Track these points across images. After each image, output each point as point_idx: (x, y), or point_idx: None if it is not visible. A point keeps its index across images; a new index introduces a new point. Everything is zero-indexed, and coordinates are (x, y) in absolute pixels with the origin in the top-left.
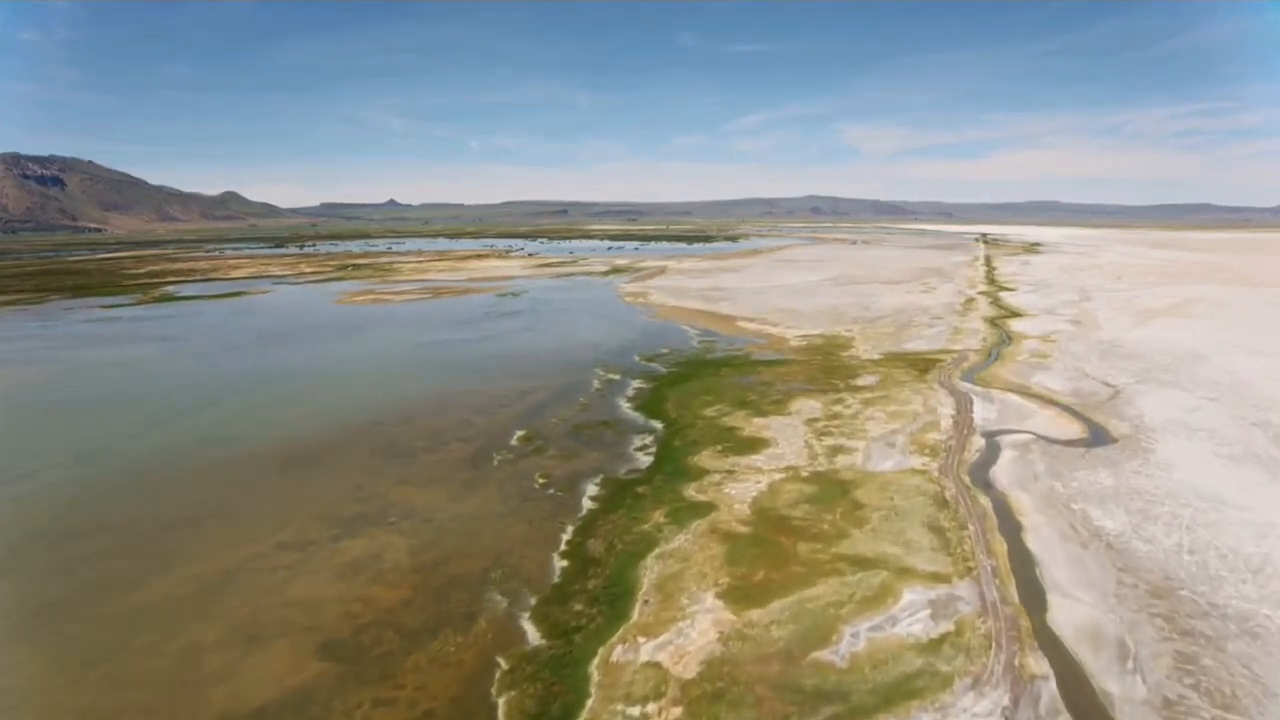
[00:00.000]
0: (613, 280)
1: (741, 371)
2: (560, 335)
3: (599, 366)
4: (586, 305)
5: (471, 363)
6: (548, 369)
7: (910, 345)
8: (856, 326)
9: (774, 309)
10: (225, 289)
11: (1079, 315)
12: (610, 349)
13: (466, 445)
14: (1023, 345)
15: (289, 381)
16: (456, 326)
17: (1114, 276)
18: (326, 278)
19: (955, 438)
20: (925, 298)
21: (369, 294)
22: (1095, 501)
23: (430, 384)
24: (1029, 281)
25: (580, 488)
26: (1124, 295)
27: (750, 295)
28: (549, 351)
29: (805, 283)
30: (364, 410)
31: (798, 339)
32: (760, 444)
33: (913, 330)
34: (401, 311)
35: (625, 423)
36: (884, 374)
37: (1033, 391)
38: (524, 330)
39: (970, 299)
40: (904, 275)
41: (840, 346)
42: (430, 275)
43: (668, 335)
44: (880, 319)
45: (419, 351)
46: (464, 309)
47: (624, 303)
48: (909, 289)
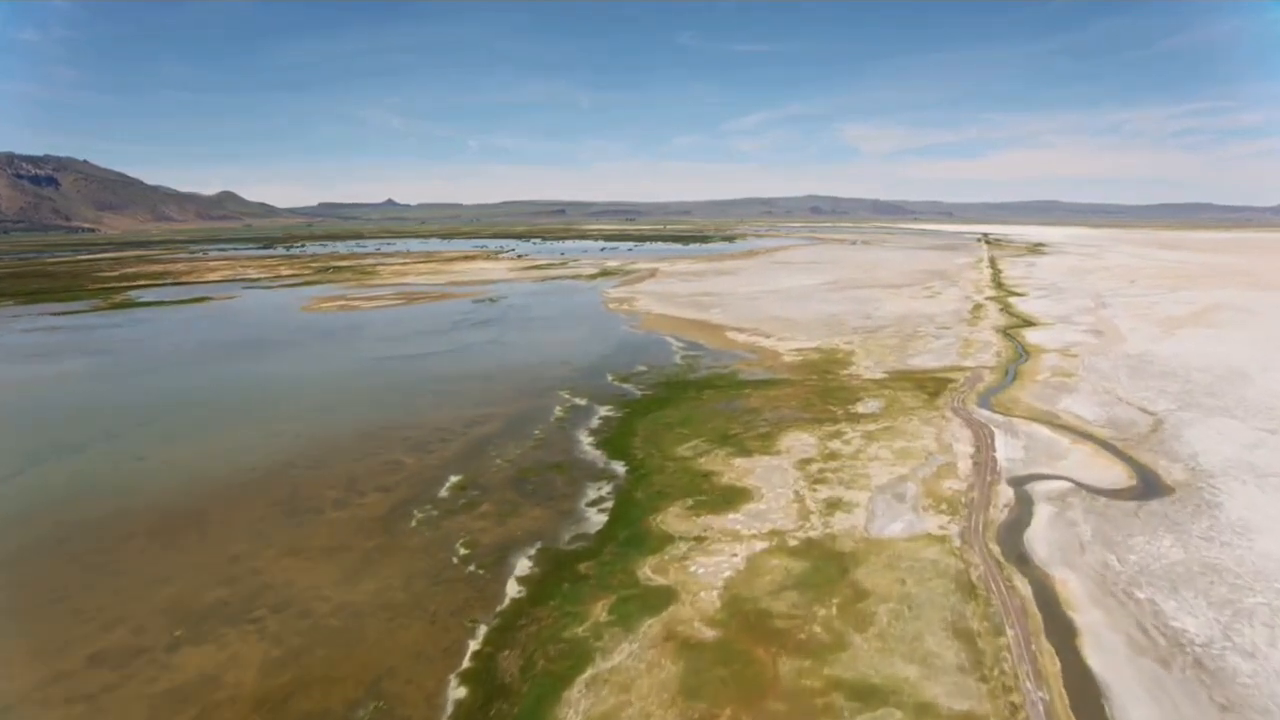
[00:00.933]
0: (599, 284)
1: (726, 395)
2: (530, 349)
3: (565, 388)
4: (566, 313)
5: (423, 383)
6: (507, 392)
7: (917, 361)
8: (857, 338)
9: (768, 317)
10: (192, 294)
11: (1098, 324)
12: (582, 366)
13: (386, 497)
14: (1042, 361)
15: (210, 408)
16: (421, 338)
17: (1127, 280)
18: (303, 281)
19: (977, 487)
20: (930, 304)
21: (340, 300)
22: (1164, 586)
23: (369, 411)
24: (1038, 285)
25: (509, 563)
26: (1142, 301)
27: (743, 301)
28: (513, 369)
29: (802, 287)
30: (279, 448)
31: (792, 353)
32: (740, 496)
33: (919, 342)
34: (369, 319)
35: (582, 465)
36: (889, 398)
37: (1061, 421)
38: (492, 343)
39: (978, 305)
40: (906, 278)
41: (839, 363)
42: (410, 279)
43: (649, 349)
44: (882, 329)
45: (370, 369)
46: (434, 317)
47: (607, 310)
48: (912, 294)
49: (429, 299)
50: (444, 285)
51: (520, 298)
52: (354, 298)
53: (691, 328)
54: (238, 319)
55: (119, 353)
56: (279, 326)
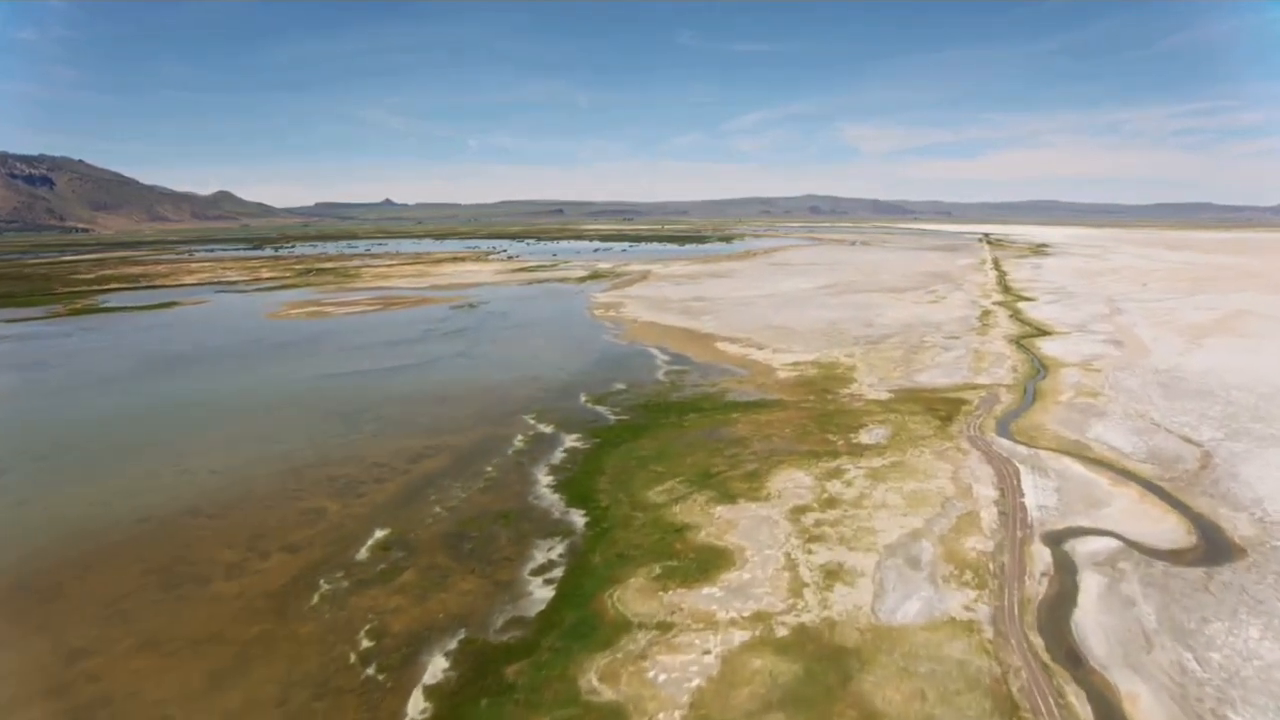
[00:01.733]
0: (587, 288)
1: (712, 420)
2: (500, 364)
3: (532, 412)
4: (547, 321)
5: (374, 406)
6: (465, 416)
7: (924, 377)
8: (858, 350)
9: (762, 325)
10: (161, 299)
11: (1117, 333)
12: (554, 384)
13: (291, 560)
14: (1063, 377)
15: (125, 437)
16: (385, 350)
17: (1138, 283)
18: (281, 284)
19: (1007, 547)
20: (935, 310)
21: (312, 305)
22: (1270, 708)
23: (304, 441)
24: (1047, 289)
25: (419, 663)
26: (1159, 307)
27: (736, 307)
28: (478, 388)
29: (799, 291)
30: (186, 490)
31: (787, 368)
32: (719, 561)
33: (925, 355)
34: (336, 328)
35: (535, 514)
36: (895, 424)
37: (1095, 454)
38: (460, 356)
39: (987, 311)
40: (908, 281)
41: (839, 379)
42: (392, 282)
43: (630, 363)
44: (886, 339)
45: (320, 388)
46: (406, 325)
47: (591, 317)
48: (915, 299)
49: (406, 304)
50: (425, 289)
51: (502, 303)
52: (328, 303)
53: (679, 338)
54: (198, 327)
55: (52, 367)
56: (238, 336)
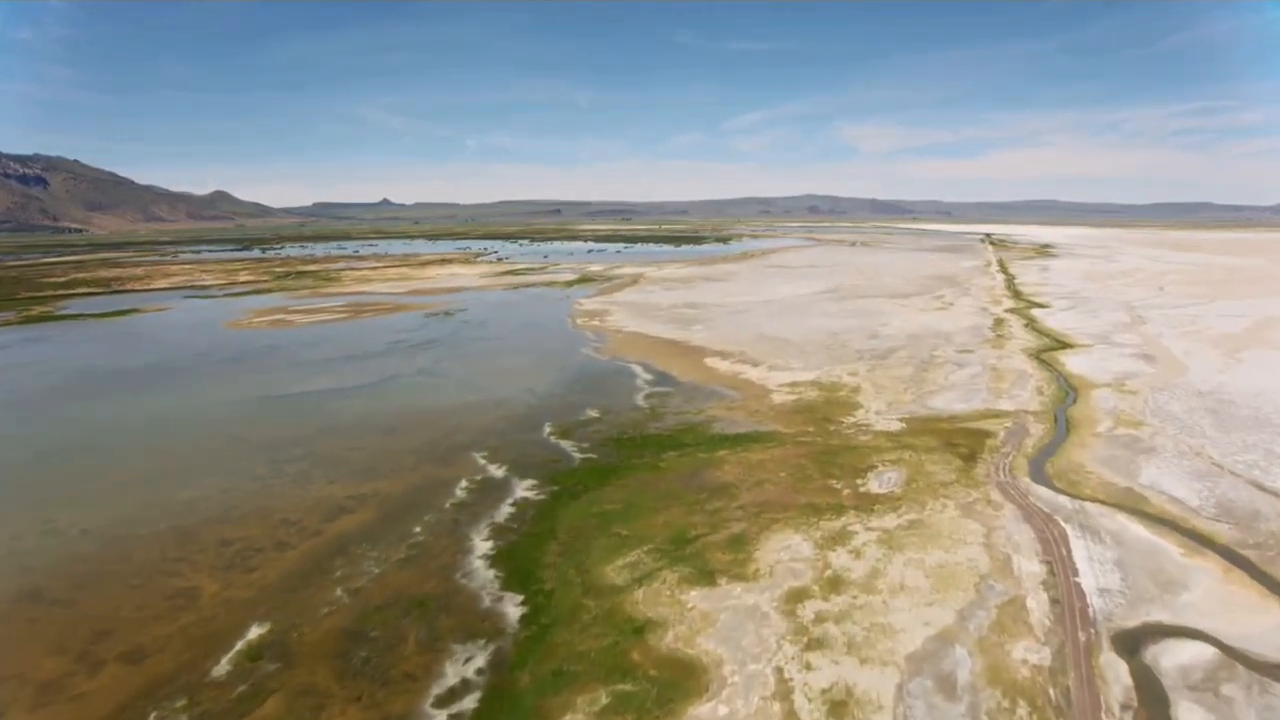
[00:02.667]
0: (574, 293)
1: (694, 460)
2: (463, 384)
3: (485, 448)
4: (525, 331)
5: (307, 439)
6: (407, 454)
7: (939, 401)
8: (863, 367)
9: (757, 336)
10: (125, 305)
11: (1145, 346)
12: (518, 411)
13: (126, 677)
14: (1095, 401)
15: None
16: (341, 366)
17: (1154, 287)
18: (255, 289)
19: (1070, 659)
20: (943, 318)
21: (279, 313)
22: None
23: (208, 488)
24: (1059, 294)
25: None
26: (1182, 315)
27: (730, 316)
28: (430, 416)
29: (798, 296)
30: (36, 560)
31: (784, 390)
32: (689, 683)
33: (938, 372)
34: (295, 340)
35: (459, 602)
36: (910, 464)
37: (1153, 508)
38: (421, 375)
39: (999, 320)
40: (913, 285)
41: (842, 404)
42: (370, 286)
43: (608, 385)
44: (893, 353)
45: (256, 414)
46: (373, 336)
47: (572, 328)
48: (922, 305)
49: (378, 311)
50: (403, 294)
51: (481, 310)
52: (296, 310)
53: (666, 352)
54: (147, 338)
55: None
56: (187, 349)
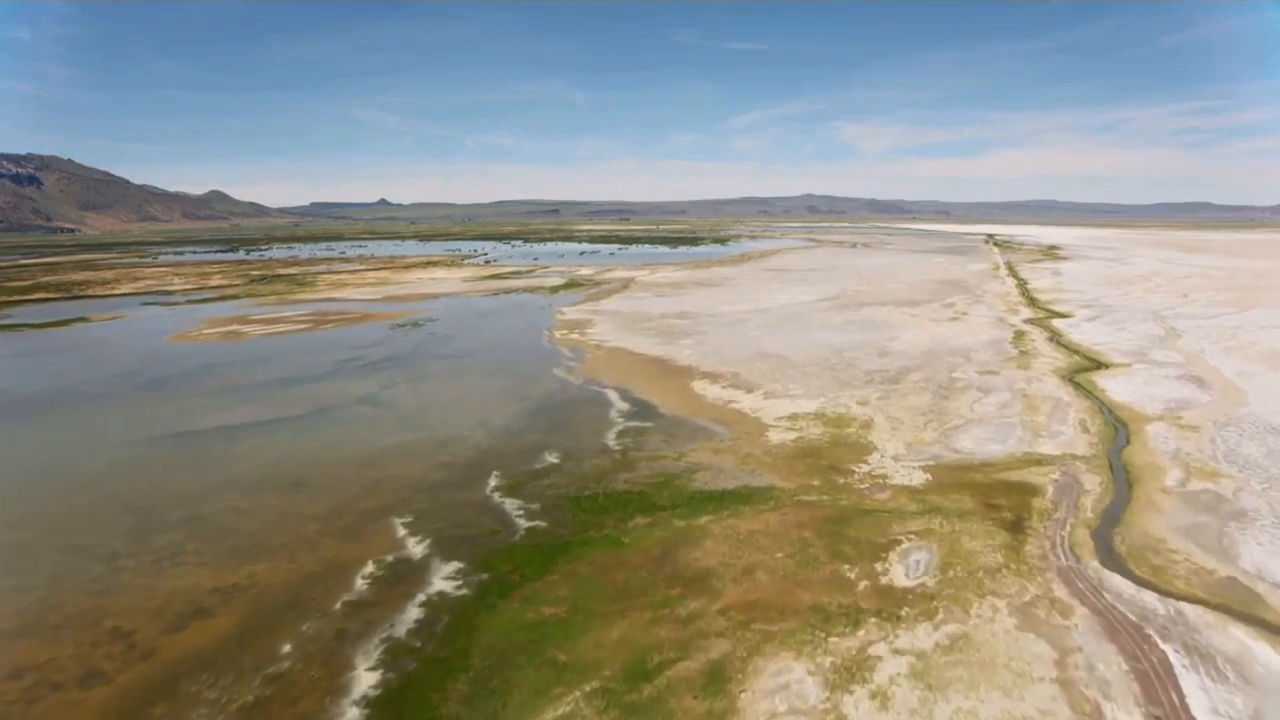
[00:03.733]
0: (558, 301)
1: (668, 530)
2: (408, 417)
3: (410, 511)
4: (495, 347)
5: (198, 495)
6: (314, 517)
7: (967, 440)
8: (873, 393)
9: (753, 354)
10: (73, 313)
11: (1189, 365)
12: (463, 455)
13: None
14: (1152, 440)
15: None
16: (277, 391)
17: (1177, 293)
18: (220, 295)
19: None
20: (958, 330)
21: (235, 323)
22: None
23: (34, 577)
24: (1079, 302)
25: None
26: (1217, 325)
27: (724, 328)
28: (357, 462)
29: (798, 305)
30: None
31: (782, 425)
32: None
33: (961, 400)
34: (240, 356)
35: None
36: (942, 539)
37: (1275, 613)
38: (364, 403)
39: (1020, 333)
40: (920, 291)
41: (852, 445)
42: (344, 292)
43: (576, 418)
44: (906, 374)
45: (149, 457)
46: (326, 352)
47: (549, 342)
48: (932, 314)
49: (342, 322)
50: (376, 301)
51: (454, 320)
52: (255, 319)
53: (649, 373)
54: (75, 354)
55: None
56: (111, 368)
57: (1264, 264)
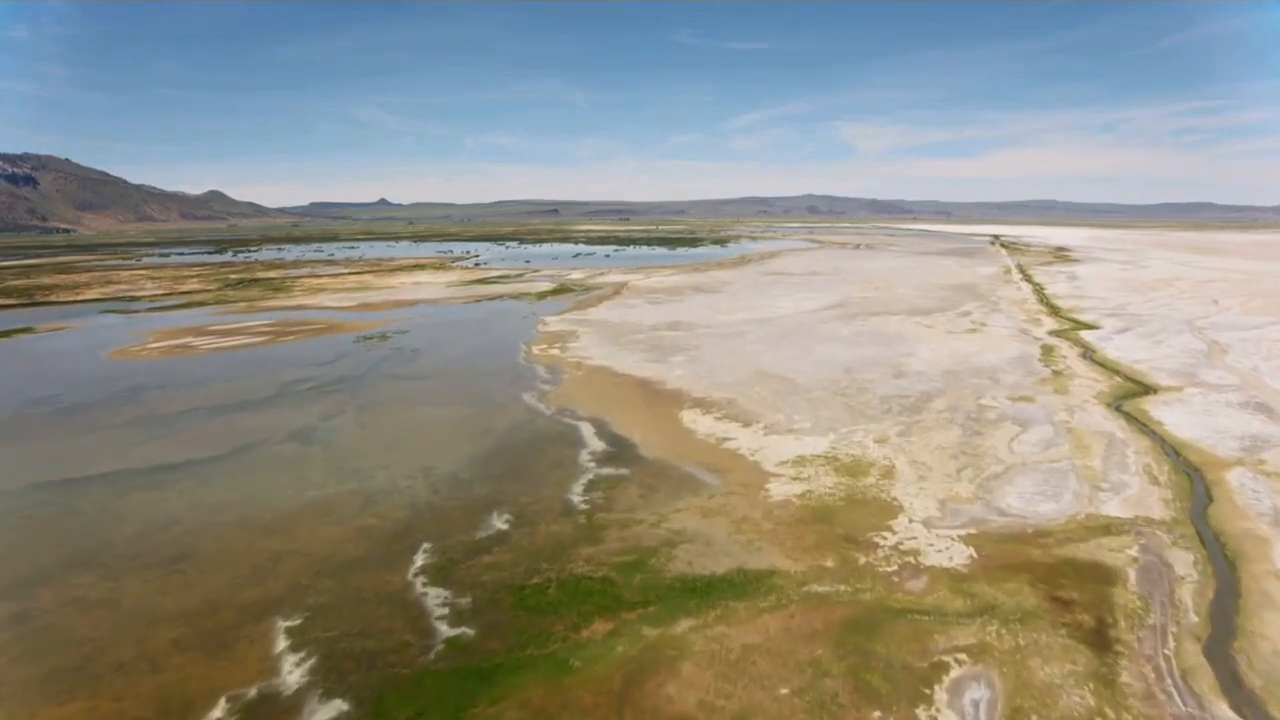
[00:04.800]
0: (542, 309)
1: (636, 648)
2: (339, 460)
3: (300, 610)
4: (463, 366)
5: (31, 582)
6: (168, 620)
7: (1012, 496)
8: (892, 427)
9: (752, 374)
10: (19, 322)
11: (1247, 387)
12: (392, 519)
13: None
14: (1237, 494)
15: None
16: (200, 423)
17: (1205, 300)
18: (188, 302)
19: None
20: (979, 344)
21: (190, 335)
22: None
23: None
24: (1104, 310)
25: None
26: (1263, 338)
27: (720, 342)
28: (252, 529)
29: (802, 313)
30: None
31: (786, 476)
32: None
33: (995, 436)
34: (178, 375)
35: None
36: (1004, 666)
37: None
38: (293, 440)
39: (1048, 347)
40: (931, 298)
41: (871, 505)
42: (317, 299)
43: (540, 463)
44: (928, 402)
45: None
46: (275, 371)
47: (525, 359)
48: (948, 325)
49: (306, 333)
50: (348, 310)
51: (425, 332)
52: (213, 330)
53: (632, 400)
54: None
55: None
56: (30, 389)
57: (1277, 266)
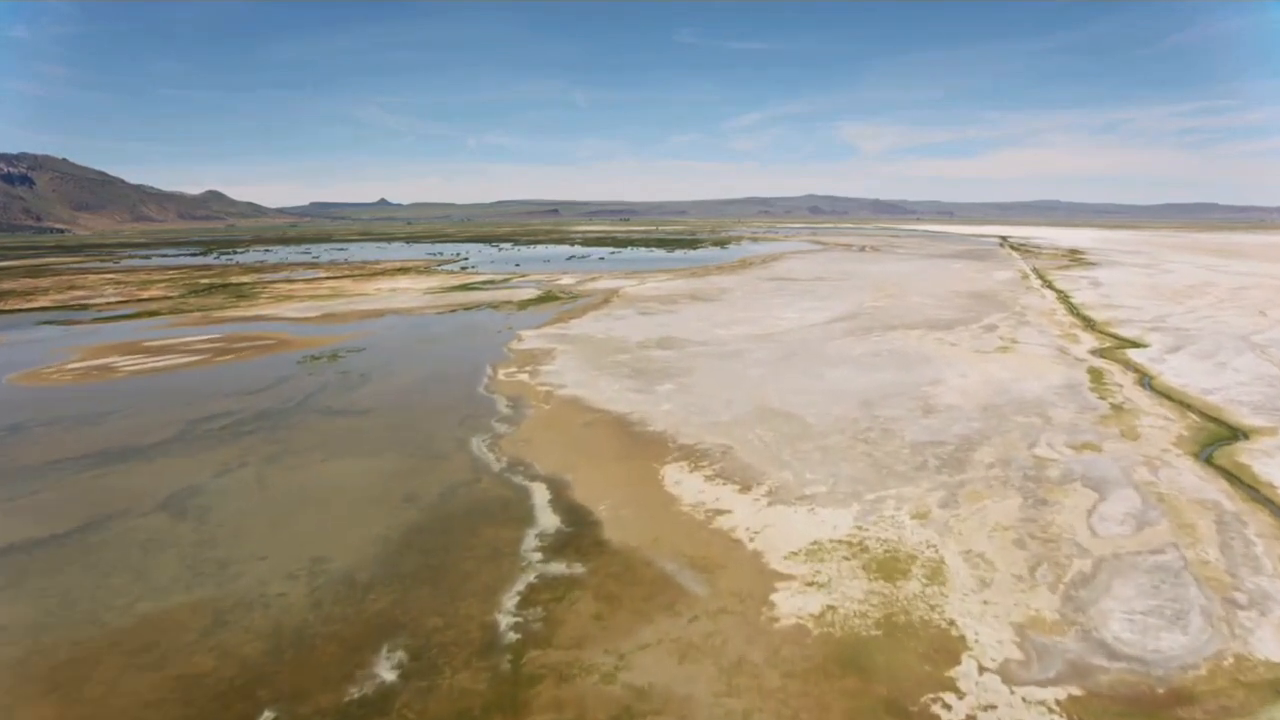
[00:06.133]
0: (522, 320)
1: None
2: (204, 550)
3: None
4: (413, 395)
5: None
6: None
7: (1120, 626)
8: (931, 491)
9: (753, 411)
10: None
11: None
12: (239, 656)
13: None
14: None
15: None
16: (69, 476)
17: (1251, 310)
18: (140, 311)
19: None
20: (1015, 367)
21: (118, 352)
22: None
23: None
24: (1140, 321)
25: None
26: None
27: (717, 364)
28: (22, 687)
29: (808, 327)
30: None
31: (798, 582)
32: None
33: (1065, 505)
34: (78, 407)
35: None
36: None
37: None
38: (163, 511)
39: (1096, 371)
40: (950, 308)
41: (921, 640)
42: (280, 308)
43: (470, 553)
44: (971, 452)
45: None
46: (194, 401)
47: (487, 388)
48: (975, 341)
49: (251, 351)
50: (309, 321)
51: (383, 350)
52: (147, 347)
53: (603, 450)
54: None
55: None
56: None
57: None
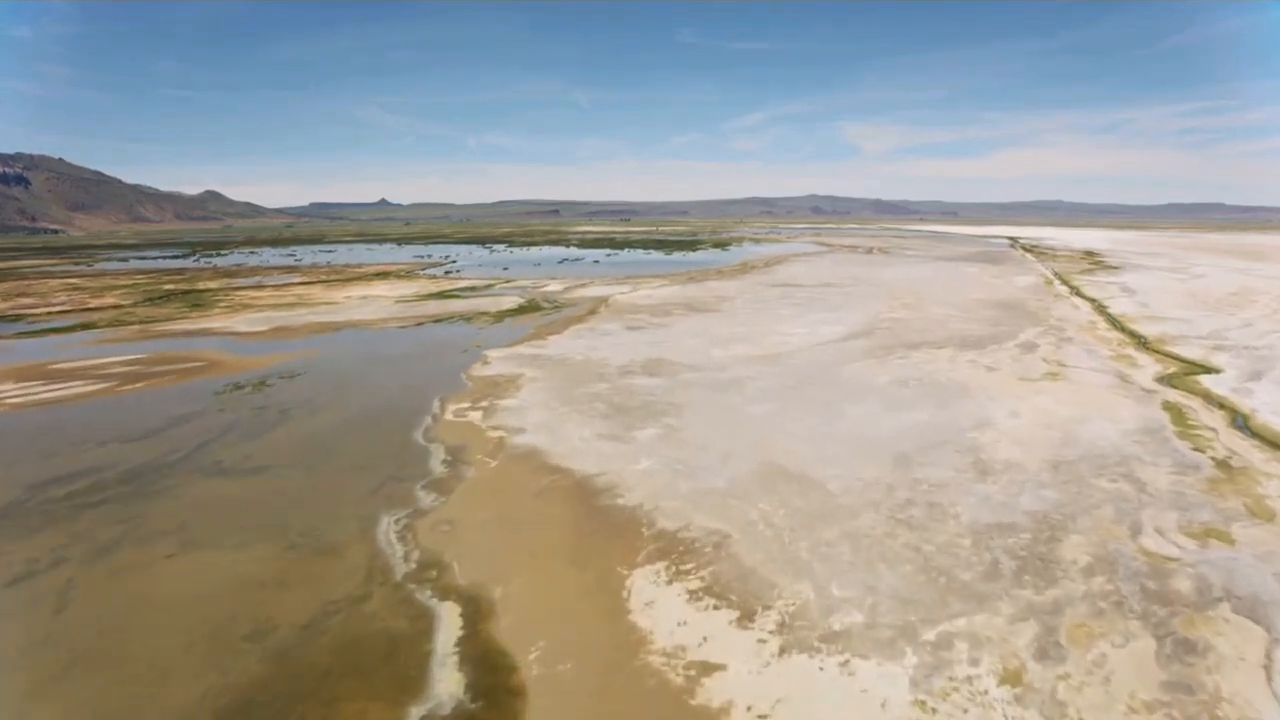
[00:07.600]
0: (495, 336)
1: None
2: None
3: None
4: (331, 445)
5: None
6: None
7: None
8: (1017, 630)
9: (755, 471)
10: None
11: None
12: None
13: None
14: None
15: None
16: None
17: None
18: (77, 323)
19: None
20: (1072, 403)
21: (14, 378)
22: None
23: None
24: (1194, 336)
25: None
26: None
27: (711, 399)
28: None
29: (820, 345)
30: None
31: None
32: None
33: (1218, 654)
34: None
35: None
36: None
37: None
38: None
39: (1175, 409)
40: (977, 320)
41: None
42: (228, 320)
43: None
44: (1054, 545)
45: None
46: (60, 451)
47: (427, 434)
48: (1015, 364)
49: (173, 375)
50: (251, 337)
51: (322, 376)
52: (53, 370)
53: (555, 538)
54: None
55: None
56: None
57: None
